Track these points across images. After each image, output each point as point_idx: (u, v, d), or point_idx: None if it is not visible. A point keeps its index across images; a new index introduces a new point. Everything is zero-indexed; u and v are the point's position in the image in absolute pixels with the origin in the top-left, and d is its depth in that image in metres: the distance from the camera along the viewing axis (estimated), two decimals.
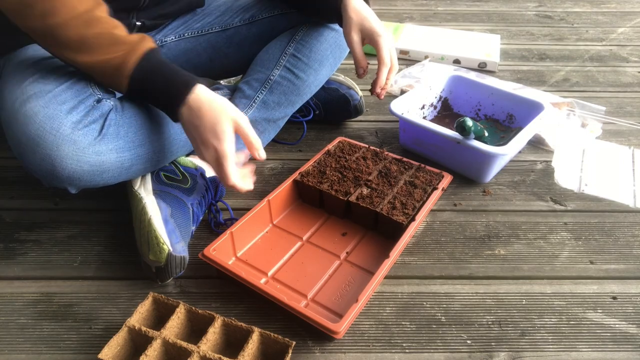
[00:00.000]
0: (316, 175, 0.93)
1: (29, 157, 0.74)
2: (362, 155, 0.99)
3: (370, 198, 0.89)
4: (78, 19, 0.72)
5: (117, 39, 0.73)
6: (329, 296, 0.78)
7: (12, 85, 0.80)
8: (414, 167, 0.98)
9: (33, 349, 0.71)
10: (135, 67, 0.72)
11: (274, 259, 0.84)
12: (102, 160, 0.76)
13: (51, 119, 0.73)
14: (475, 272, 0.83)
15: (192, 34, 1.05)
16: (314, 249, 0.86)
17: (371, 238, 0.89)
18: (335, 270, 0.83)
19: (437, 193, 0.92)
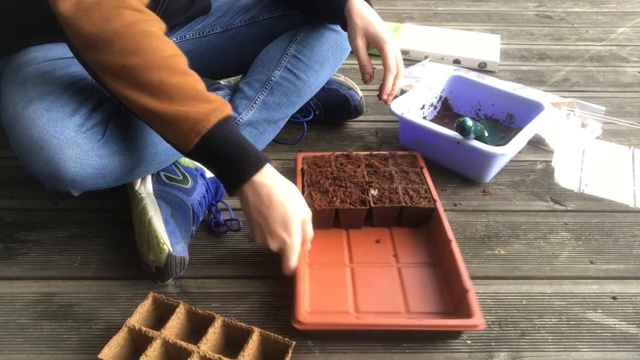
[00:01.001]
0: (321, 198, 0.88)
1: (32, 160, 0.74)
2: (338, 162, 0.96)
3: (383, 197, 0.88)
4: (161, 64, 0.67)
5: (201, 95, 0.68)
6: (421, 302, 0.76)
7: (14, 87, 0.80)
8: (388, 157, 0.99)
9: (33, 349, 0.71)
10: (213, 128, 0.67)
11: (341, 295, 0.77)
12: (105, 163, 0.76)
13: (54, 122, 0.73)
14: (475, 272, 0.83)
15: (193, 35, 1.05)
16: (365, 267, 0.82)
17: (401, 233, 0.88)
18: (401, 277, 0.80)
19: (425, 172, 0.95)
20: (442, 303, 0.76)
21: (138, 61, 0.66)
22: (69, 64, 0.84)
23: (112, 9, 0.66)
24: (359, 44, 0.91)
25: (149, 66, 0.66)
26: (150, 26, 0.68)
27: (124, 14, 0.66)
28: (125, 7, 0.67)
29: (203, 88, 0.70)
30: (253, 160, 0.70)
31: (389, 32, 0.93)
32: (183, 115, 0.67)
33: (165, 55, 0.68)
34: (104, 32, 0.65)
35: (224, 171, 0.72)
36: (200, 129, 0.67)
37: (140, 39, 0.66)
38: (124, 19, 0.66)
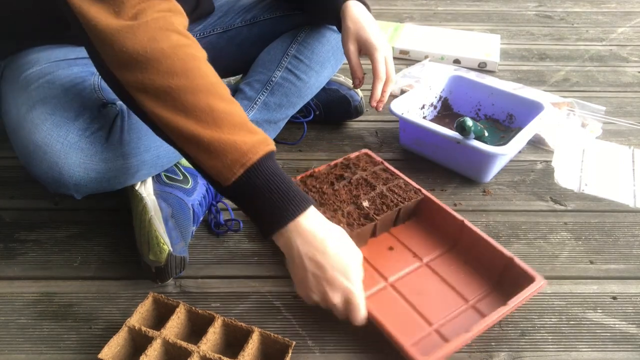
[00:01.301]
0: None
1: (35, 164, 0.73)
2: (311, 185, 0.90)
3: (377, 204, 0.86)
4: (210, 88, 0.63)
5: (249, 125, 0.64)
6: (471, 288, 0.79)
7: (15, 89, 0.80)
8: (347, 163, 0.96)
9: (33, 349, 0.71)
10: (259, 161, 0.62)
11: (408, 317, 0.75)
12: (108, 167, 0.76)
13: (58, 127, 0.73)
14: None
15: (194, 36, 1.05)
16: (401, 279, 0.81)
17: (402, 232, 0.89)
18: (436, 273, 0.81)
19: (387, 165, 0.95)
20: (486, 279, 0.80)
21: (186, 83, 0.62)
22: (70, 65, 0.84)
23: (160, 30, 0.63)
24: (350, 49, 0.90)
25: (197, 89, 0.63)
26: (197, 51, 0.66)
27: (171, 36, 0.64)
28: (172, 30, 0.64)
29: (247, 118, 0.66)
30: (298, 200, 0.63)
31: (381, 38, 0.91)
32: (231, 145, 0.62)
33: (212, 81, 0.64)
34: (151, 51, 0.62)
35: (264, 211, 0.64)
36: (246, 161, 0.62)
37: (188, 62, 0.63)
38: (172, 41, 0.63)
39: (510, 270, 0.77)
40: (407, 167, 1.06)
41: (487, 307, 0.76)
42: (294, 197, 0.63)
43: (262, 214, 0.64)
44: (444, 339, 0.71)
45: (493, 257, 0.80)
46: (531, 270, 0.75)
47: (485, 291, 0.78)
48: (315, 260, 0.64)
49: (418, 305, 0.76)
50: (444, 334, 0.72)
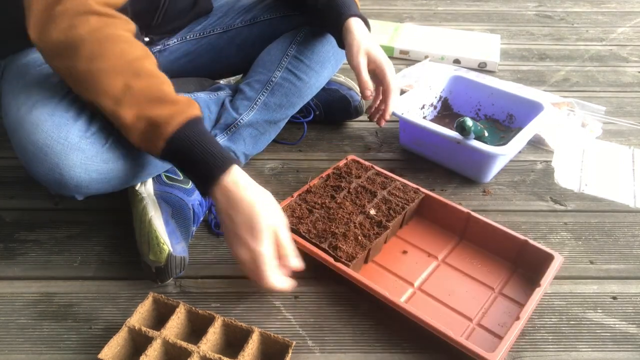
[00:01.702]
0: (349, 246, 0.80)
1: (36, 165, 0.73)
2: (312, 203, 0.88)
3: (383, 210, 0.87)
4: (126, 67, 0.67)
5: (165, 97, 0.68)
6: (494, 275, 0.82)
7: (15, 89, 0.79)
8: (339, 172, 0.95)
9: (33, 349, 0.71)
10: (177, 131, 0.67)
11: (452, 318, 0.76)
12: (110, 168, 0.76)
13: (58, 127, 0.73)
14: None
15: (194, 36, 1.05)
16: (427, 282, 0.81)
17: (409, 233, 0.90)
18: (456, 268, 0.83)
19: (377, 168, 0.96)
20: (503, 264, 0.84)
21: (102, 66, 0.66)
22: None
23: (78, 15, 0.66)
24: (360, 62, 0.91)
25: (114, 71, 0.66)
26: (117, 29, 0.68)
27: (90, 20, 0.67)
28: (91, 12, 0.67)
29: (169, 89, 0.69)
30: (219, 162, 0.68)
31: (386, 56, 0.95)
32: (148, 120, 0.67)
33: (130, 59, 0.67)
34: (70, 38, 0.66)
35: (194, 175, 0.70)
36: (164, 133, 0.66)
37: (104, 44, 0.66)
38: (90, 25, 0.66)
39: (526, 252, 0.81)
40: (407, 167, 1.06)
41: (513, 291, 0.80)
42: (214, 160, 0.68)
43: (194, 178, 0.70)
44: (489, 332, 0.74)
45: (505, 242, 0.83)
46: (547, 249, 0.80)
47: (506, 275, 0.82)
48: (229, 215, 0.68)
49: (452, 304, 0.78)
50: (487, 326, 0.74)
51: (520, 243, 0.82)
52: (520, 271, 0.83)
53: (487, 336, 0.73)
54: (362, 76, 0.91)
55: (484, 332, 0.74)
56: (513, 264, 0.83)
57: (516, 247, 0.82)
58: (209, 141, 0.68)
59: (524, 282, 0.81)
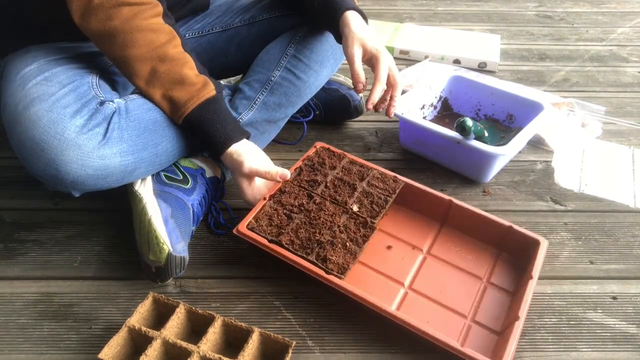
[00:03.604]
0: (340, 256, 0.76)
1: (33, 161, 0.74)
2: (287, 209, 0.84)
3: (365, 205, 0.84)
4: (153, 54, 0.78)
5: (184, 79, 0.80)
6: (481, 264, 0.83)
7: (14, 87, 0.80)
8: (311, 164, 0.92)
9: (33, 349, 0.71)
10: (191, 112, 0.80)
11: (448, 318, 0.76)
12: (106, 165, 0.76)
13: (55, 123, 0.73)
14: None
15: (192, 34, 1.05)
16: (418, 279, 0.81)
17: (391, 224, 0.89)
18: (444, 260, 0.84)
19: (350, 156, 0.95)
20: (485, 249, 0.85)
21: (133, 53, 0.78)
22: (69, 63, 0.84)
23: (112, 7, 0.76)
24: (354, 52, 0.89)
25: (142, 57, 0.78)
26: (145, 18, 0.78)
27: (122, 11, 0.76)
28: (123, 4, 0.76)
29: (189, 70, 0.81)
30: (232, 135, 0.83)
31: (384, 47, 0.92)
32: (169, 100, 0.81)
33: (156, 46, 0.79)
34: (108, 29, 0.77)
35: (208, 143, 0.83)
36: (182, 114, 0.81)
37: (135, 34, 0.77)
38: (123, 16, 0.76)
39: (511, 238, 0.82)
40: (407, 167, 1.06)
41: (501, 279, 0.81)
42: (228, 133, 0.83)
43: (208, 145, 0.84)
44: (485, 328, 0.74)
45: (489, 228, 0.84)
46: (532, 233, 0.81)
47: (491, 262, 0.83)
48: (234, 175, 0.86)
49: (445, 301, 0.77)
50: (482, 322, 0.75)
51: (504, 229, 0.83)
52: (505, 256, 0.84)
53: (485, 333, 0.73)
54: (354, 67, 0.90)
55: (480, 330, 0.74)
56: (496, 249, 0.85)
57: (500, 233, 0.83)
58: (220, 117, 0.82)
59: (510, 268, 0.82)
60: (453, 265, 0.83)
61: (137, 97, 0.83)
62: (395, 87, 0.94)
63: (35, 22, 0.86)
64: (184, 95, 0.80)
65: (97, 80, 0.83)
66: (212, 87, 0.82)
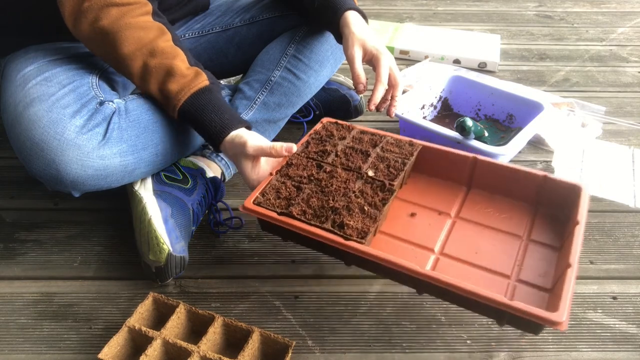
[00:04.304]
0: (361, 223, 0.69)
1: (33, 161, 0.74)
2: (296, 180, 0.77)
3: (382, 170, 0.78)
4: (144, 51, 0.77)
5: (174, 71, 0.78)
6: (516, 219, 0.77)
7: (14, 87, 0.80)
8: (318, 136, 0.86)
9: (33, 349, 0.71)
10: (185, 104, 0.78)
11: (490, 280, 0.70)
12: (106, 165, 0.76)
13: (55, 124, 0.73)
14: None
15: (192, 34, 1.05)
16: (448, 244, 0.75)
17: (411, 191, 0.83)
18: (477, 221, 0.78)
19: (358, 126, 0.90)
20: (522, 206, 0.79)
21: (124, 51, 0.77)
22: (69, 63, 0.84)
23: (101, 8, 0.76)
24: (354, 53, 0.89)
25: (133, 54, 0.77)
26: (134, 17, 0.77)
27: (110, 12, 0.76)
28: (111, 5, 0.76)
29: (180, 63, 0.79)
30: (228, 124, 0.79)
31: (384, 47, 0.92)
32: (162, 94, 0.79)
33: (146, 42, 0.77)
34: (97, 29, 0.77)
35: (204, 134, 0.81)
36: (175, 106, 0.79)
37: (124, 32, 0.76)
38: (111, 16, 0.76)
39: (547, 188, 0.76)
40: None
41: (542, 234, 0.75)
42: (225, 121, 0.79)
43: (206, 137, 0.81)
44: (532, 286, 0.68)
45: (521, 182, 0.78)
46: (571, 179, 0.75)
47: (529, 219, 0.77)
48: (237, 160, 0.80)
49: (482, 263, 0.72)
50: (528, 280, 0.69)
51: (539, 180, 0.76)
52: (544, 211, 0.77)
53: (533, 292, 0.68)
54: (354, 68, 0.90)
55: (528, 288, 0.68)
56: (533, 204, 0.78)
57: (534, 185, 0.77)
58: (212, 110, 0.79)
59: (551, 222, 0.75)
60: (486, 226, 0.76)
61: (136, 97, 0.83)
62: (396, 87, 0.93)
63: (35, 22, 0.86)
64: (175, 87, 0.78)
65: (96, 81, 0.83)
66: (205, 77, 0.80)
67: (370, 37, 0.89)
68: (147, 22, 0.79)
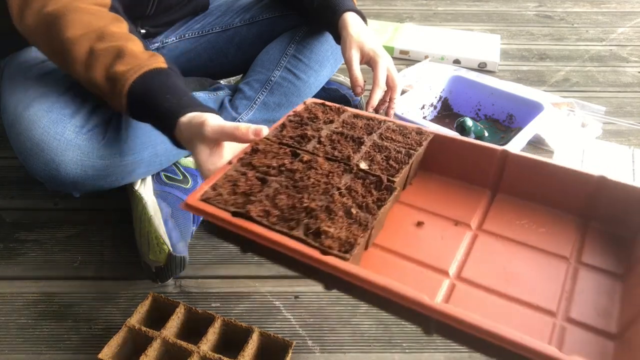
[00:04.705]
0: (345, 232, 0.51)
1: (33, 161, 0.74)
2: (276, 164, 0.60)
3: (379, 162, 0.60)
4: (91, 34, 0.69)
5: (125, 52, 0.68)
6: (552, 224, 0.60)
7: (14, 87, 0.80)
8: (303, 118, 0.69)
9: (33, 349, 0.71)
10: (134, 84, 0.66)
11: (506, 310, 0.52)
12: (106, 165, 0.76)
13: (55, 124, 0.73)
14: None
15: (192, 34, 1.05)
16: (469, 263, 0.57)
17: (417, 193, 0.65)
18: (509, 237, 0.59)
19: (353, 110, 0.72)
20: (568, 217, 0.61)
21: (69, 35, 0.69)
22: None
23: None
24: (352, 56, 0.89)
25: (79, 38, 0.69)
26: (85, 3, 0.71)
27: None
28: None
29: (134, 46, 0.69)
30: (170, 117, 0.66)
31: (383, 49, 0.92)
32: (109, 78, 0.68)
33: (96, 27, 0.69)
34: (44, 16, 0.70)
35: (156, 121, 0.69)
36: (123, 88, 0.66)
37: (71, 15, 0.69)
38: (60, 2, 0.70)
39: (603, 194, 0.58)
40: None
41: (598, 256, 0.56)
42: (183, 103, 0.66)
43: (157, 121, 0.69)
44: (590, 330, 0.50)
45: (568, 185, 0.60)
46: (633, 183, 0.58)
47: (578, 234, 0.59)
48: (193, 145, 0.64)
49: (517, 293, 0.53)
50: (583, 320, 0.51)
51: (592, 183, 0.58)
52: (597, 224, 0.59)
53: (590, 337, 0.50)
54: (351, 71, 0.90)
55: (582, 332, 0.50)
56: (582, 215, 0.60)
57: (585, 190, 0.59)
58: (168, 91, 0.67)
59: (609, 239, 0.57)
60: (519, 242, 0.58)
61: None
62: (394, 89, 0.93)
63: None
64: (124, 67, 0.67)
65: None
66: (162, 60, 0.70)
67: (368, 39, 0.89)
68: (101, 11, 0.72)
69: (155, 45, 1.02)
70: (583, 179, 0.60)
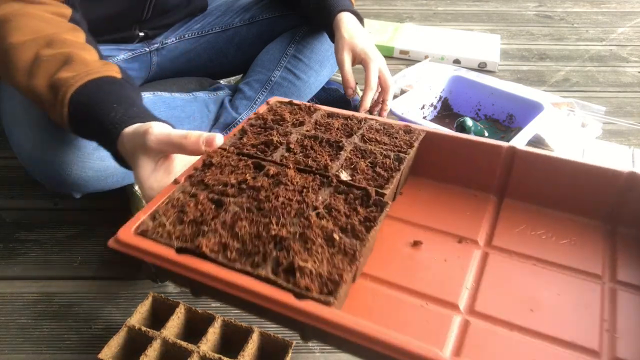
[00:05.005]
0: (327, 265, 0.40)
1: (33, 163, 0.74)
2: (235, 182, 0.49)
3: (364, 171, 0.50)
4: (39, 40, 0.62)
5: (74, 59, 0.60)
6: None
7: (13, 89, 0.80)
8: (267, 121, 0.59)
9: (33, 349, 0.71)
10: (77, 91, 0.58)
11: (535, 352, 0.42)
12: (106, 166, 0.76)
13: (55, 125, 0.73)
14: None
15: (192, 35, 1.05)
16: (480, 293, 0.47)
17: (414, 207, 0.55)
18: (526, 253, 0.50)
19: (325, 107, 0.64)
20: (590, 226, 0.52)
21: (14, 40, 0.62)
22: None
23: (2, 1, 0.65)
24: (344, 58, 0.89)
25: (24, 43, 0.62)
26: (39, 11, 0.65)
27: (12, 5, 0.64)
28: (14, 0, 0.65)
29: (87, 55, 0.62)
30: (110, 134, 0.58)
31: (375, 50, 0.91)
32: (51, 86, 0.59)
33: (45, 33, 0.63)
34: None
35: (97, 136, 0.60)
36: (65, 97, 0.58)
37: (22, 20, 0.63)
38: (11, 8, 0.64)
39: (633, 197, 0.49)
40: None
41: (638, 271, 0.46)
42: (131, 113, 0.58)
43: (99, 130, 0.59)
44: None
45: (590, 184, 0.51)
46: None
47: (607, 245, 0.49)
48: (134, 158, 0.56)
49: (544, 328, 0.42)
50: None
51: (621, 180, 0.49)
52: (625, 231, 0.50)
53: None
54: (343, 72, 0.90)
55: None
56: (607, 221, 0.51)
57: (612, 190, 0.49)
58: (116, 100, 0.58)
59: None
60: (539, 259, 0.48)
61: None
62: (387, 91, 0.93)
63: None
64: (69, 74, 0.59)
65: None
66: (118, 70, 0.62)
67: (360, 40, 0.89)
68: (56, 19, 0.66)
69: (155, 45, 1.02)
70: (609, 177, 0.50)
